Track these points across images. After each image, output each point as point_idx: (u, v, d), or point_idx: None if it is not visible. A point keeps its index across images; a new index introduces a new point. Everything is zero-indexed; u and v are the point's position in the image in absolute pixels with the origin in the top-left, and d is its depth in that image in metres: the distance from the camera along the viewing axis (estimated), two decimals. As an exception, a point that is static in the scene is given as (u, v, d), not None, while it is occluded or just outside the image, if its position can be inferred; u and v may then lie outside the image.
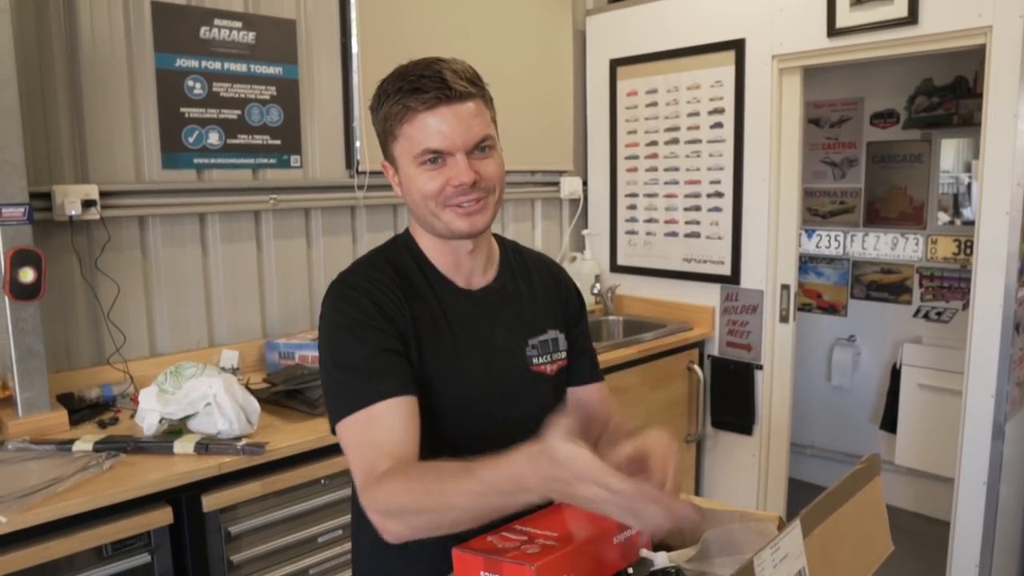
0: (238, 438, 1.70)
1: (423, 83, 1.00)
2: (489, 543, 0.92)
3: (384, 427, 0.95)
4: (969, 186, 3.34)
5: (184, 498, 1.60)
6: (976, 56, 2.30)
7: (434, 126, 1.01)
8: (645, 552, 0.98)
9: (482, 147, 1.04)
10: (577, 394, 1.24)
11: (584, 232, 3.36)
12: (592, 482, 0.75)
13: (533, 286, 1.20)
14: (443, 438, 1.07)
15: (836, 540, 0.78)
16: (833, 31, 2.50)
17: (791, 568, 0.68)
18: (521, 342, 1.14)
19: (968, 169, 3.35)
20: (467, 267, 1.13)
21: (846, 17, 2.47)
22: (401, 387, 0.99)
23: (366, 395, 0.96)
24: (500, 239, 1.22)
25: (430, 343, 1.07)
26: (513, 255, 1.22)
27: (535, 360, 1.15)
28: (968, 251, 3.27)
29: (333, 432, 1.02)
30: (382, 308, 1.03)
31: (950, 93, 3.33)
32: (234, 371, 2.24)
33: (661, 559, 0.97)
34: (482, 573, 0.87)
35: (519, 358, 1.14)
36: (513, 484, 0.81)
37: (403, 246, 1.14)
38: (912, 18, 2.32)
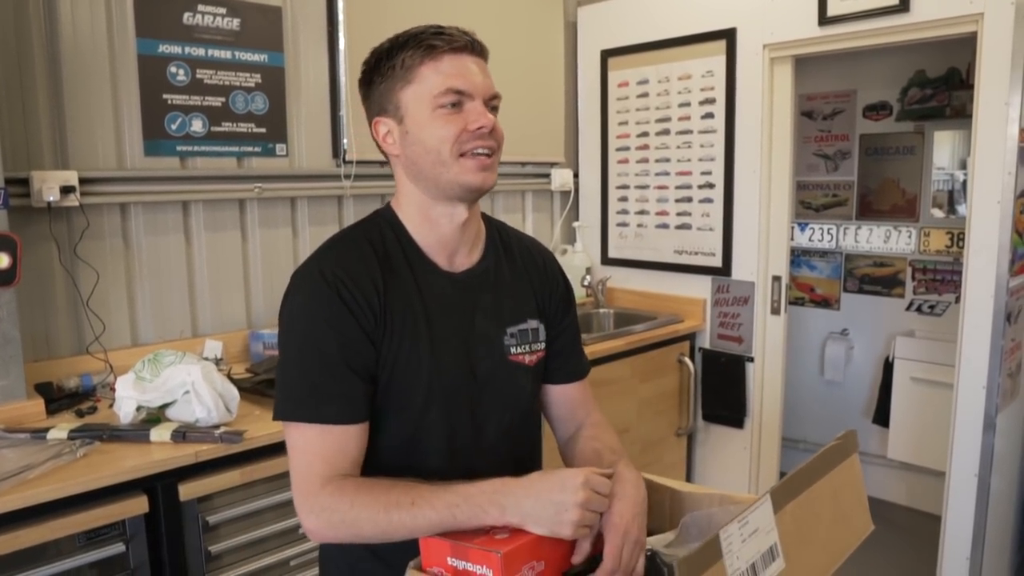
0: (216, 426, 1.67)
1: (448, 29, 1.02)
2: (457, 526, 0.89)
3: (333, 446, 0.97)
4: (965, 183, 3.32)
5: (160, 487, 1.57)
6: (969, 47, 2.28)
7: (460, 67, 1.01)
8: (620, 535, 0.95)
9: (494, 105, 1.04)
10: (553, 393, 1.19)
11: (575, 224, 3.34)
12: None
13: (516, 272, 1.14)
14: (419, 426, 1.03)
15: (811, 516, 0.76)
16: (824, 19, 2.48)
17: (762, 543, 0.65)
18: (499, 330, 1.09)
19: (963, 166, 3.33)
20: (453, 244, 1.07)
21: (837, 5, 2.45)
22: (351, 413, 0.98)
23: (317, 410, 0.97)
24: (488, 218, 1.17)
25: (404, 329, 1.02)
26: (499, 236, 1.16)
27: (513, 350, 1.10)
28: (961, 243, 3.25)
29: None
30: (349, 306, 0.98)
31: (943, 85, 3.32)
32: (217, 361, 2.21)
33: (636, 542, 0.94)
34: (449, 559, 0.85)
35: (496, 347, 1.09)
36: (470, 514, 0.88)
37: (385, 222, 1.08)
38: (903, 5, 2.30)
